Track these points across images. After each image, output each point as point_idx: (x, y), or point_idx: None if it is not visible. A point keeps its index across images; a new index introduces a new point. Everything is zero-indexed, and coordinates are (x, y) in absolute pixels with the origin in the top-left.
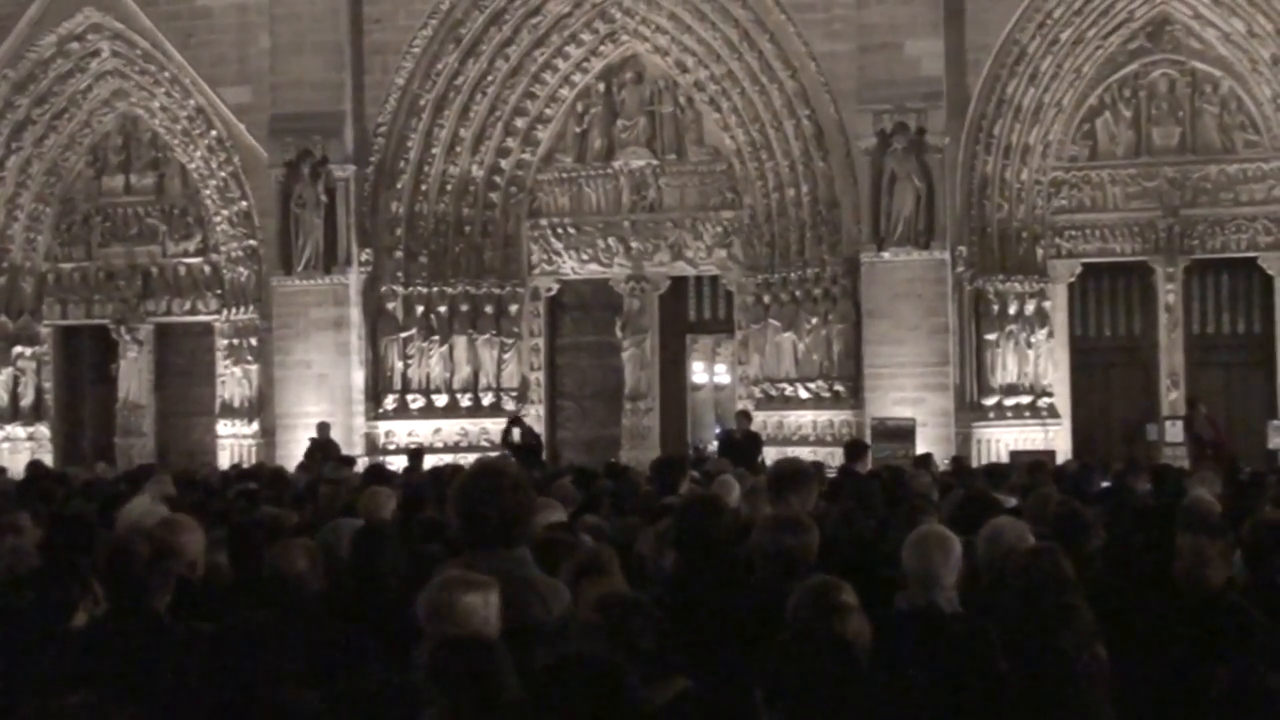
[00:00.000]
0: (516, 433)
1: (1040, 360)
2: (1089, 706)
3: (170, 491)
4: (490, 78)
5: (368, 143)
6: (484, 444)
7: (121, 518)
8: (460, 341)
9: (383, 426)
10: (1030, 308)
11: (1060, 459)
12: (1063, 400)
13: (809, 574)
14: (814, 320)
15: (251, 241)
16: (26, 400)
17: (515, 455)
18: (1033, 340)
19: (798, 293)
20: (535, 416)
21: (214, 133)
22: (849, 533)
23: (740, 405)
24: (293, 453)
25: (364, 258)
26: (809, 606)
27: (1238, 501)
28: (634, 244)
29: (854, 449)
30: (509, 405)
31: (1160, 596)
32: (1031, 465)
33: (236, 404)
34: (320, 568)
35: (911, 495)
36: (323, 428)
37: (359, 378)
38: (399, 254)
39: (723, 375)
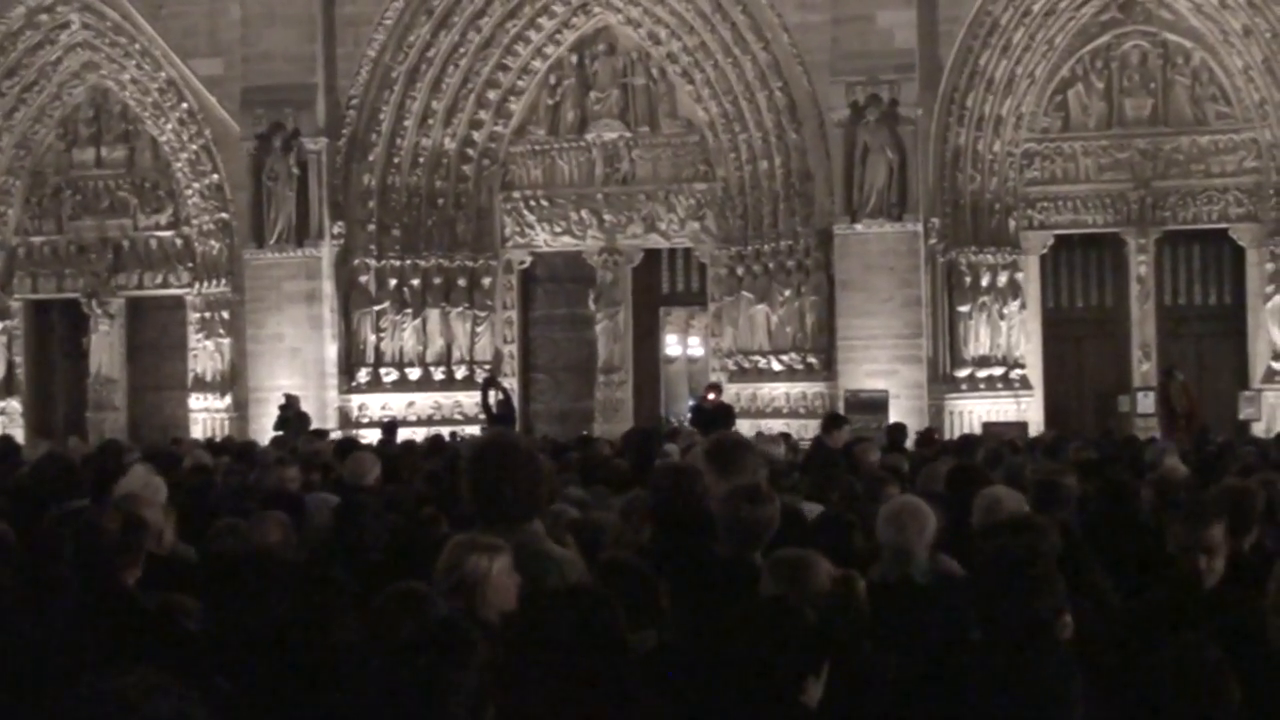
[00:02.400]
0: (493, 395)
1: (1012, 332)
2: (1060, 676)
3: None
4: (462, 50)
5: (340, 115)
6: (457, 417)
7: (121, 488)
8: (433, 314)
9: (356, 400)
10: (1003, 279)
11: (1033, 430)
12: (1035, 372)
13: (771, 544)
14: (787, 292)
15: (223, 214)
16: None
17: (489, 423)
18: (1005, 312)
19: (771, 265)
20: (509, 389)
21: (185, 105)
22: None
23: (713, 378)
24: (264, 426)
25: (336, 231)
26: (783, 580)
27: (1205, 471)
28: (607, 216)
29: (830, 422)
30: (482, 378)
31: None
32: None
33: (209, 378)
34: (294, 540)
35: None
36: (293, 400)
37: (332, 351)
38: (371, 227)
39: (696, 348)
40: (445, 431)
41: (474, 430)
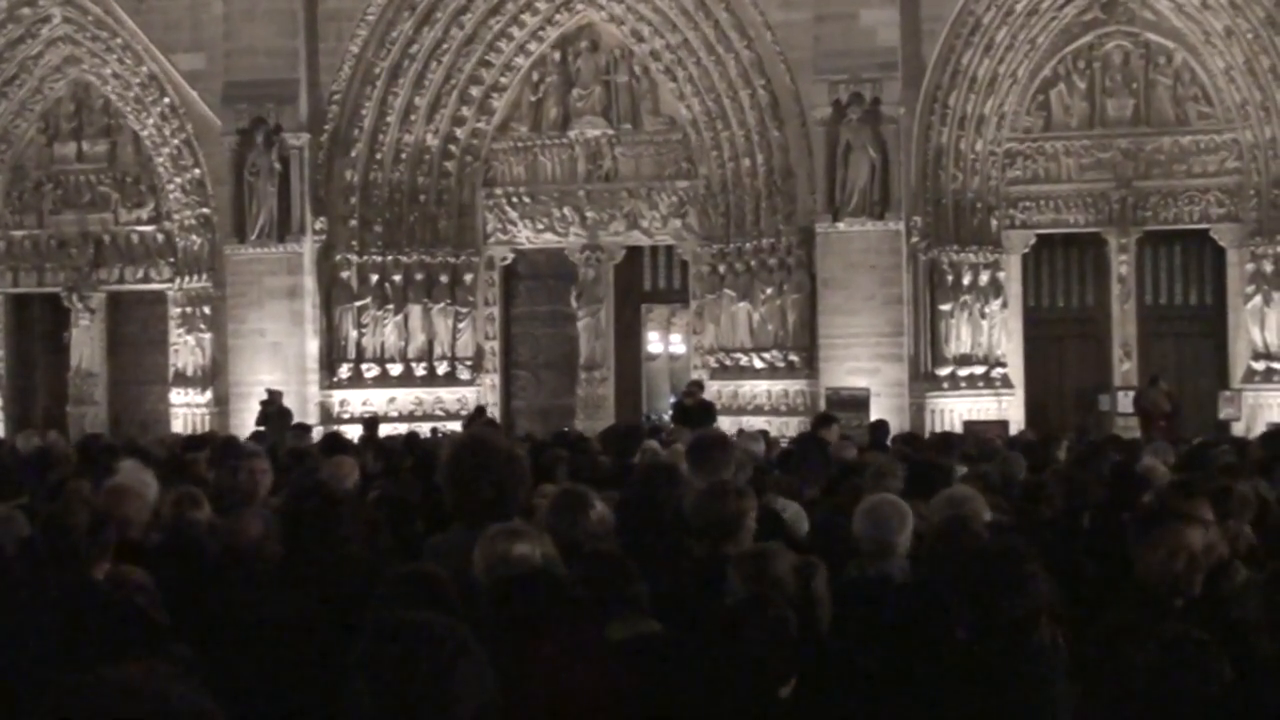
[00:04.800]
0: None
1: (994, 331)
2: (1042, 675)
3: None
4: (445, 45)
5: (322, 110)
6: (438, 413)
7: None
8: (415, 310)
9: (337, 395)
10: (984, 278)
11: (1013, 429)
12: (1016, 371)
13: (746, 542)
14: (769, 290)
15: (205, 209)
16: None
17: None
18: (986, 311)
19: (753, 263)
20: (490, 386)
21: (167, 100)
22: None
23: (695, 375)
24: (245, 421)
25: (318, 226)
26: (748, 575)
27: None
28: (589, 213)
29: (820, 421)
30: (464, 375)
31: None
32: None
33: (190, 373)
34: (275, 535)
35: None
36: (275, 395)
37: (313, 347)
38: (353, 222)
39: (678, 345)
40: (426, 427)
41: (454, 426)
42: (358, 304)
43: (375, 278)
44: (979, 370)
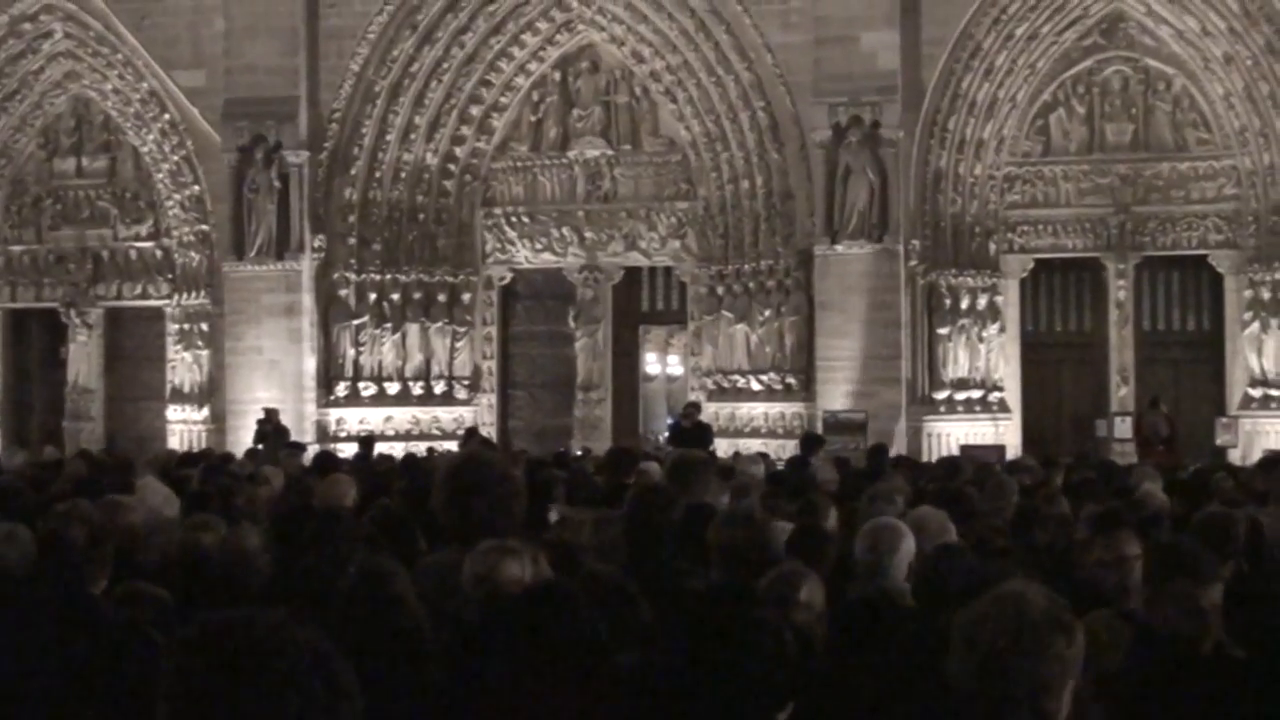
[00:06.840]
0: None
1: (991, 355)
2: None
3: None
4: (446, 65)
5: (322, 128)
6: (435, 432)
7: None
8: (413, 329)
9: (334, 414)
10: (982, 302)
11: (1010, 454)
12: (1013, 395)
13: (766, 566)
14: (767, 312)
15: (203, 226)
16: None
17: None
18: (984, 335)
19: (751, 285)
20: (487, 406)
21: (167, 116)
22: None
23: (692, 397)
24: (243, 439)
25: (317, 244)
26: (776, 598)
27: (1179, 501)
28: (588, 234)
29: (808, 443)
30: (461, 394)
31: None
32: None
33: (187, 389)
34: (269, 551)
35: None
36: (272, 413)
37: (310, 364)
38: (352, 241)
39: (675, 366)
40: (423, 447)
41: (451, 446)
42: (355, 322)
43: (373, 296)
44: (976, 394)
